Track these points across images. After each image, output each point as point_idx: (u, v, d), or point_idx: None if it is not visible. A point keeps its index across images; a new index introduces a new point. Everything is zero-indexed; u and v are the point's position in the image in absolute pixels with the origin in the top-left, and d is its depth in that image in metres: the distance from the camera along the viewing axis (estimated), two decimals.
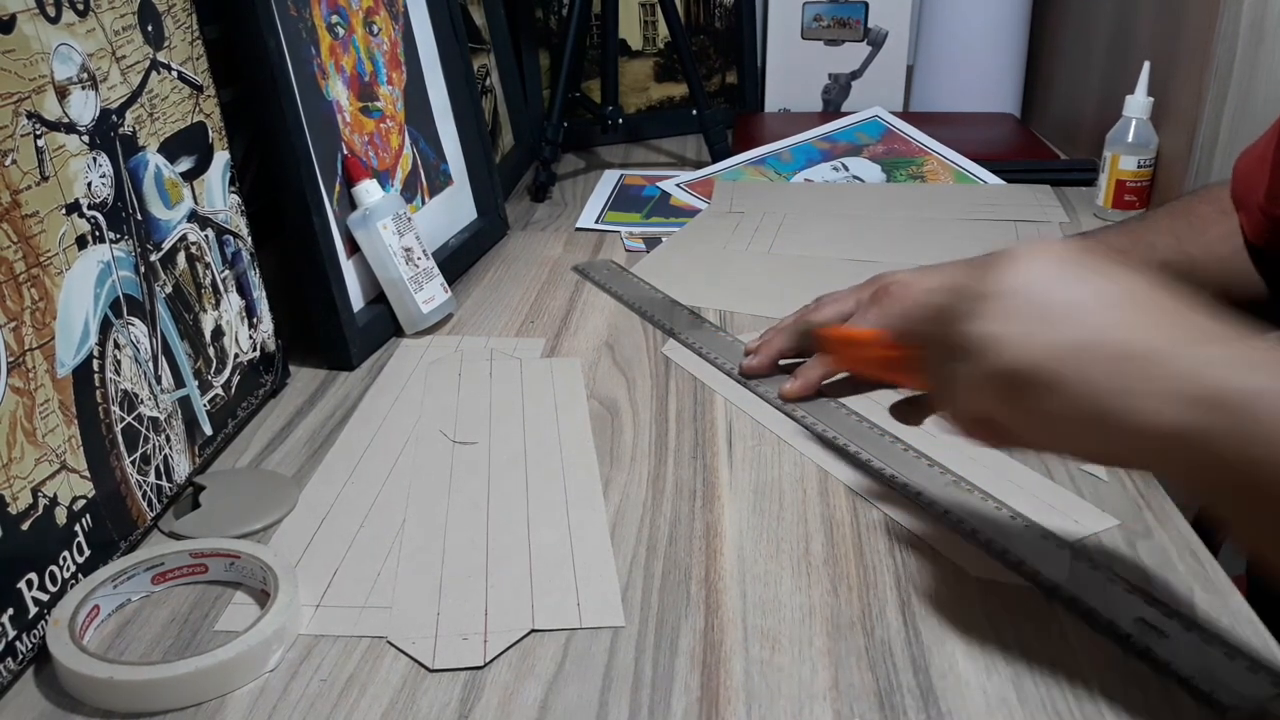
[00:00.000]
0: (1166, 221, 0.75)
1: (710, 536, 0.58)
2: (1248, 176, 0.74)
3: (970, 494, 0.60)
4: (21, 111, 0.51)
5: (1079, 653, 0.49)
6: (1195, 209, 0.77)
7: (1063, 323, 0.41)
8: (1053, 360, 0.40)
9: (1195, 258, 0.73)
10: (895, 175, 1.23)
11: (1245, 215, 0.73)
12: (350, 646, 0.50)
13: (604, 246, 1.05)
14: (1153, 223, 0.75)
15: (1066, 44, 1.43)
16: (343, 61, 0.85)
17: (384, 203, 0.83)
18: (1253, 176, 0.73)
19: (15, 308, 0.49)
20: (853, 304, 0.72)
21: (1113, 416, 0.39)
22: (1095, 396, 0.40)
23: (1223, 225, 0.75)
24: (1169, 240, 0.73)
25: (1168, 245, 0.73)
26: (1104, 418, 0.40)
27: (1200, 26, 1.03)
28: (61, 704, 0.47)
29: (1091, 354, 0.40)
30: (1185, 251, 0.73)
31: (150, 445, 0.59)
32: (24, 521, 0.49)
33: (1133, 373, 0.39)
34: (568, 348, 0.82)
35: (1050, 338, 0.41)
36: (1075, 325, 0.41)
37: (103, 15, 0.58)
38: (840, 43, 1.50)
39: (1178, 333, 0.40)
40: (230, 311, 0.69)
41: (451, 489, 0.63)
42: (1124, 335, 0.40)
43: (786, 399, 0.71)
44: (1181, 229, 0.75)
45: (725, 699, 0.47)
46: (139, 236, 0.60)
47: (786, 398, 0.71)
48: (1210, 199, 0.77)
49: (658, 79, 1.50)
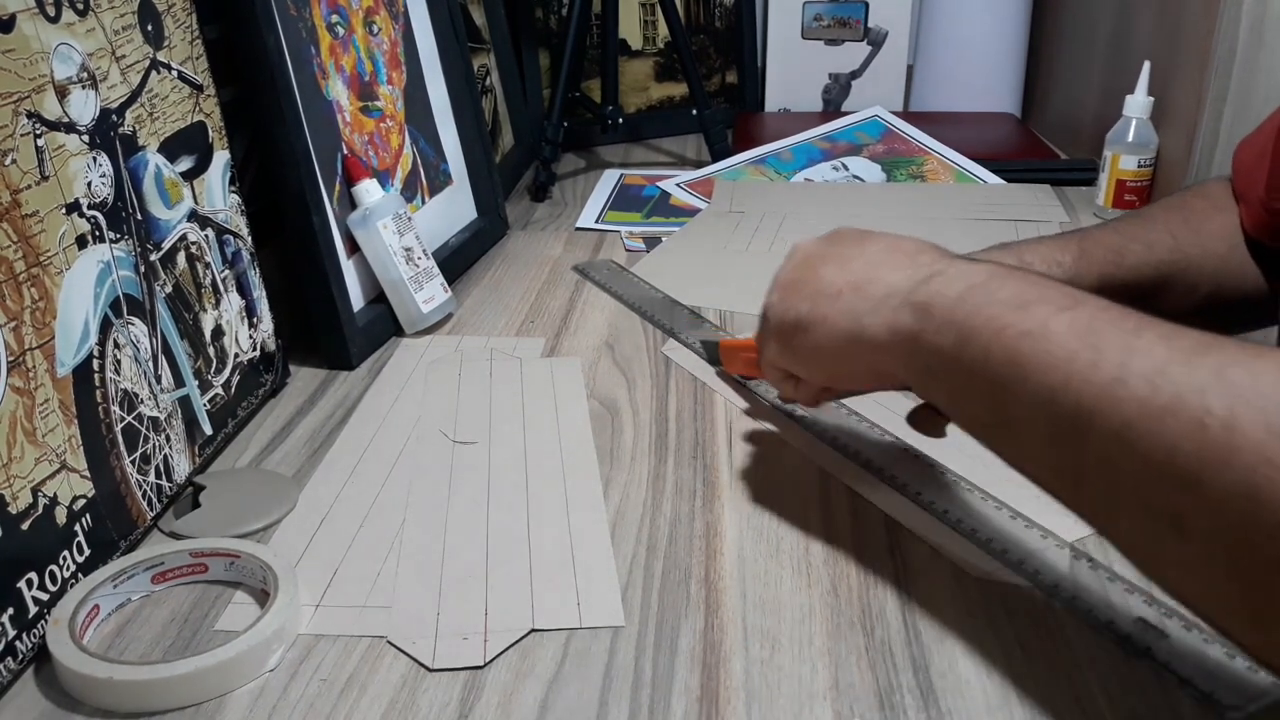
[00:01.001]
0: (1163, 218, 0.75)
1: (710, 536, 0.58)
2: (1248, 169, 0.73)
3: (970, 494, 0.60)
4: (21, 111, 0.51)
5: (1079, 653, 0.49)
6: (1192, 205, 0.76)
7: (810, 280, 0.55)
8: (803, 307, 0.55)
9: (1191, 256, 0.73)
10: (895, 175, 1.23)
11: (1245, 208, 0.73)
12: (350, 646, 0.50)
13: (604, 246, 1.05)
14: (1149, 220, 0.75)
15: (1066, 44, 1.43)
16: (343, 61, 0.85)
17: (384, 202, 0.83)
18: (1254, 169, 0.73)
19: (15, 307, 0.49)
20: None
21: (852, 337, 0.52)
22: (834, 324, 0.53)
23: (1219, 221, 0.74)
24: (1165, 239, 0.73)
25: (1164, 244, 0.73)
26: (849, 340, 0.52)
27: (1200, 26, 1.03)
28: (61, 704, 0.47)
29: (826, 294, 0.54)
30: (1181, 250, 0.73)
31: (150, 445, 0.59)
32: (24, 521, 0.49)
33: (856, 301, 0.52)
34: (568, 347, 0.82)
35: (802, 292, 0.55)
36: (816, 278, 0.55)
37: (102, 15, 0.58)
38: (840, 42, 1.50)
39: (886, 270, 0.52)
40: (230, 311, 0.69)
41: (451, 489, 0.63)
42: (846, 276, 0.53)
43: (786, 400, 0.71)
44: (1178, 226, 0.74)
45: (725, 699, 0.47)
46: (139, 236, 0.60)
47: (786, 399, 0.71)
48: (1206, 194, 0.76)
49: (658, 79, 1.51)
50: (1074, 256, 0.70)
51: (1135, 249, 0.72)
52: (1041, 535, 0.56)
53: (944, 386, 0.48)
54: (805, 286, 0.55)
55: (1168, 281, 0.72)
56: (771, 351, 0.59)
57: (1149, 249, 0.72)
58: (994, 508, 0.59)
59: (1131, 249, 0.72)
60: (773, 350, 0.59)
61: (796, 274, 0.57)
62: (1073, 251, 0.71)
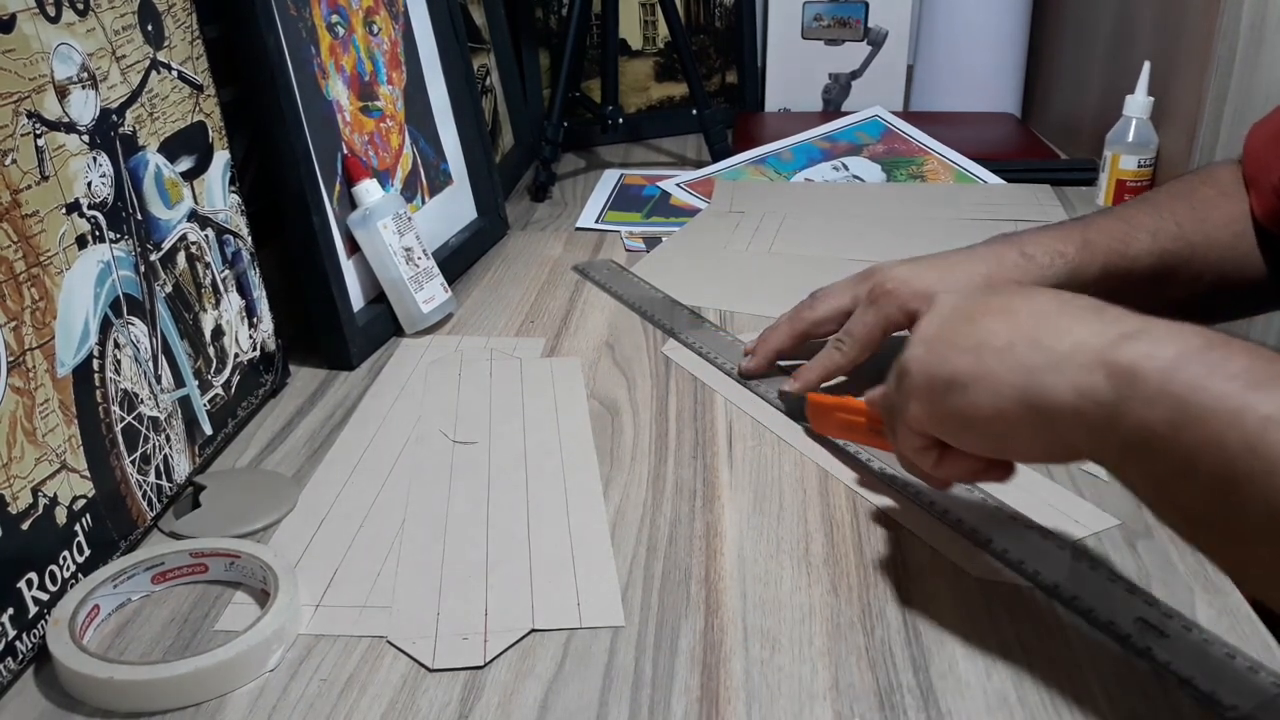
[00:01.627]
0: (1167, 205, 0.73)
1: (710, 536, 0.58)
2: (1261, 155, 0.72)
3: (970, 494, 0.60)
4: (21, 111, 0.51)
5: (1079, 653, 0.49)
6: (1198, 192, 0.75)
7: (967, 331, 0.47)
8: (961, 361, 0.46)
9: (1195, 244, 0.71)
10: (895, 175, 1.23)
11: (1256, 195, 0.72)
12: (350, 646, 0.50)
13: (604, 246, 1.05)
14: (1152, 207, 0.73)
15: (1066, 44, 1.43)
16: (343, 61, 0.85)
17: (384, 202, 0.83)
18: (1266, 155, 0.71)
19: (15, 307, 0.49)
20: (849, 299, 0.71)
21: (1026, 398, 0.44)
22: (1001, 381, 0.45)
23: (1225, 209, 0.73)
24: (1169, 226, 0.71)
25: (1167, 232, 0.71)
26: (1020, 401, 0.44)
27: (1200, 26, 1.03)
28: (61, 704, 0.47)
29: (991, 347, 0.46)
30: (1185, 238, 0.71)
31: (150, 445, 0.59)
32: (24, 521, 0.49)
33: (1031, 355, 0.44)
34: (568, 347, 0.82)
35: (958, 344, 0.47)
36: (976, 329, 0.47)
37: (103, 15, 0.58)
38: (840, 42, 1.50)
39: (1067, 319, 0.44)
40: (230, 311, 0.69)
41: (451, 489, 0.63)
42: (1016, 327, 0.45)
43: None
44: (1183, 214, 0.73)
45: (725, 699, 0.47)
46: (139, 236, 0.60)
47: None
48: (1215, 181, 0.75)
49: (658, 78, 1.50)
50: (1077, 247, 0.69)
51: (1140, 238, 0.71)
52: (1042, 535, 0.56)
53: (1149, 470, 0.41)
54: (962, 338, 0.47)
55: (1172, 271, 0.71)
56: (915, 413, 0.50)
57: (1154, 238, 0.71)
58: (994, 507, 0.59)
59: (1137, 238, 0.71)
60: (916, 412, 0.50)
61: (948, 326, 0.49)
62: (1076, 242, 0.70)
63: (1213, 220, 0.73)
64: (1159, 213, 0.73)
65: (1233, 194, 0.74)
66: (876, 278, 0.70)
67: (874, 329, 0.69)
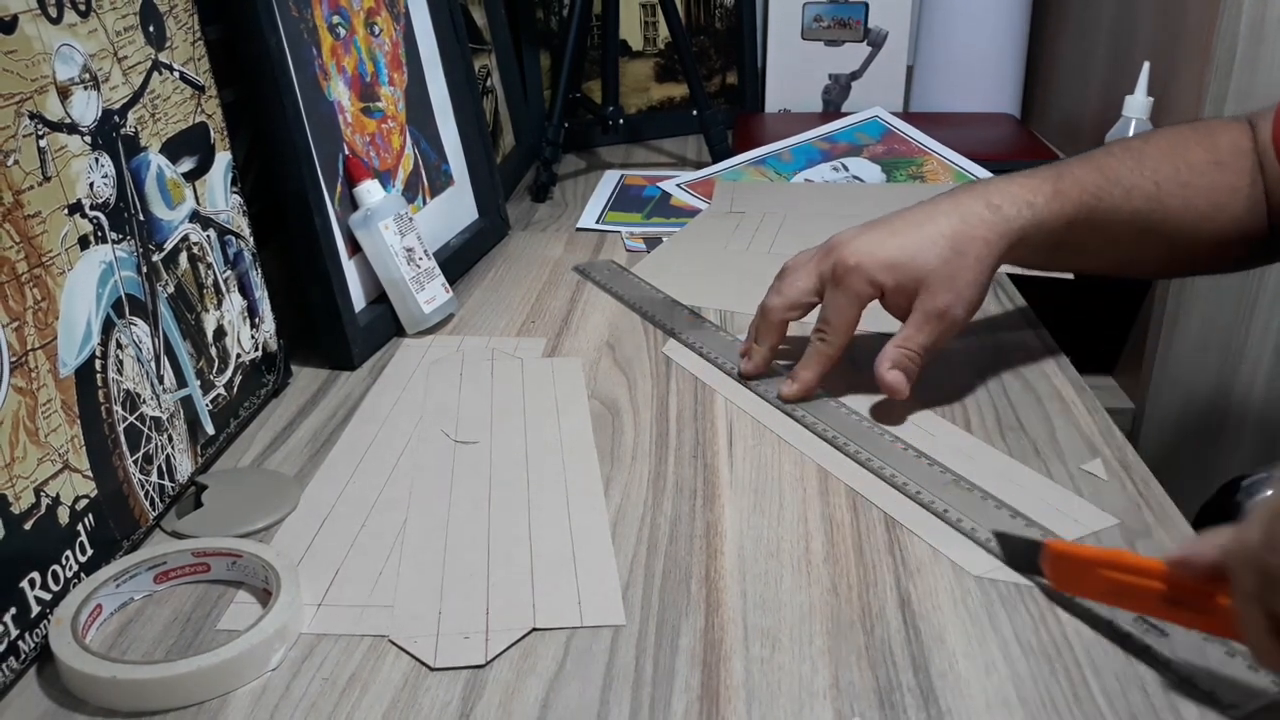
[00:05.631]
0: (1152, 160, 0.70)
1: (710, 536, 0.58)
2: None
3: (970, 493, 0.61)
4: (24, 112, 0.51)
5: (1079, 653, 0.49)
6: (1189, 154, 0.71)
7: None
8: None
9: (1170, 209, 0.69)
10: (895, 175, 1.23)
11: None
12: (352, 645, 0.51)
13: (604, 246, 1.05)
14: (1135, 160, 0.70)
15: (1066, 44, 1.43)
16: (344, 62, 0.86)
17: (385, 203, 0.83)
18: None
19: (18, 307, 0.50)
20: (815, 280, 0.70)
21: None
22: None
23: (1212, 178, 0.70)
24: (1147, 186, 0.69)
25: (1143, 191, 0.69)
26: None
27: (1200, 26, 1.03)
28: (64, 703, 0.47)
29: None
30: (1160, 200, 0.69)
31: (152, 445, 0.59)
32: (27, 521, 0.49)
33: None
34: (569, 347, 0.82)
35: None
36: None
37: (104, 16, 0.58)
38: (840, 43, 1.50)
39: None
40: (232, 311, 0.70)
41: (453, 488, 0.63)
42: None
43: (786, 401, 0.71)
44: (1165, 173, 0.70)
45: (725, 698, 0.47)
46: (141, 237, 0.60)
47: (786, 399, 0.71)
48: (1212, 145, 0.72)
49: (658, 79, 1.51)
50: (1046, 198, 0.68)
51: (1114, 194, 0.69)
52: (1042, 535, 0.57)
53: None
54: None
55: (1142, 232, 0.70)
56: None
57: (1128, 196, 0.69)
58: (994, 507, 0.59)
59: (1110, 193, 0.69)
60: None
61: None
62: (1045, 192, 0.68)
63: (1195, 186, 0.70)
64: (1141, 168, 0.70)
65: (1228, 163, 0.71)
66: (837, 254, 0.69)
67: (848, 312, 0.69)
